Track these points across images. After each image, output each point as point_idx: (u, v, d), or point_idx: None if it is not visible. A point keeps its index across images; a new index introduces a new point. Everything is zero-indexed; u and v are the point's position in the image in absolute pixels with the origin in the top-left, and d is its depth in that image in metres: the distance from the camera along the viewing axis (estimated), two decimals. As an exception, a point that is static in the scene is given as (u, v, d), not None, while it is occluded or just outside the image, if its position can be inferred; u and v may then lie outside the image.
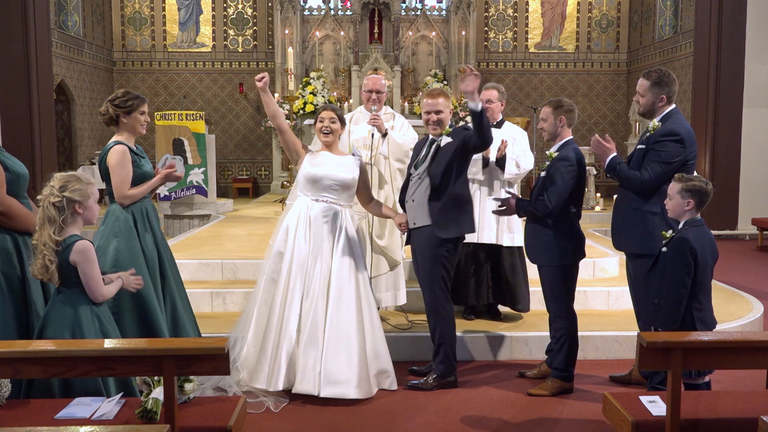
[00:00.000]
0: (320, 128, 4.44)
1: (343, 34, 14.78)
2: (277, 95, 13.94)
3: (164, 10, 15.76)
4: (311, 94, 13.99)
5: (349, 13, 14.99)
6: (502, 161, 5.21)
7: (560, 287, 4.32)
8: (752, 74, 11.10)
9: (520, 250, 5.45)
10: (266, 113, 4.55)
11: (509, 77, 16.03)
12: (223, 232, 8.33)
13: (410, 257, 4.72)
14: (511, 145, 5.25)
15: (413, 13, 15.32)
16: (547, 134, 4.46)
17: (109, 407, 3.02)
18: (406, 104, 14.33)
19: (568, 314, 4.35)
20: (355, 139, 5.16)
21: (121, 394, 3.22)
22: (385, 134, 5.09)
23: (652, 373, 3.94)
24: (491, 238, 5.33)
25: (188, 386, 3.13)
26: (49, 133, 10.32)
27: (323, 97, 13.97)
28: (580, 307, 4.75)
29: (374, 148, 5.12)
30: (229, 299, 5.81)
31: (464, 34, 14.70)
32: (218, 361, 2.86)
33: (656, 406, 3.15)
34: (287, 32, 14.40)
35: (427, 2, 15.64)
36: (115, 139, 4.06)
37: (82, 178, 3.22)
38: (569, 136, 4.38)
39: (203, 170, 9.50)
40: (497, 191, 5.31)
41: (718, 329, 3.82)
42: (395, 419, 4.01)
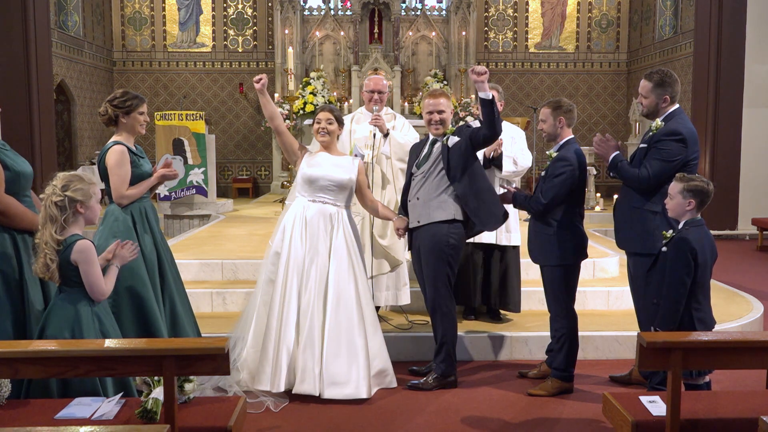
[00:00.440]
0: (317, 129, 4.44)
1: (343, 34, 14.78)
2: (277, 95, 13.95)
3: (164, 10, 15.76)
4: (311, 94, 13.98)
5: (349, 13, 14.99)
6: (498, 160, 5.22)
7: (561, 287, 4.32)
8: (752, 74, 11.10)
9: (515, 249, 5.46)
10: (264, 114, 4.55)
11: (509, 77, 16.02)
12: (223, 232, 8.33)
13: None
14: (510, 144, 5.26)
15: (413, 13, 15.31)
16: (547, 135, 4.46)
17: (109, 407, 3.02)
18: (406, 104, 14.33)
19: (568, 314, 4.35)
20: (356, 138, 5.17)
21: (121, 394, 3.23)
22: (386, 134, 5.10)
23: (652, 373, 3.94)
24: (490, 238, 5.32)
25: (188, 386, 3.13)
26: (49, 133, 10.32)
27: (323, 97, 13.96)
28: (580, 307, 4.75)
29: (376, 148, 5.12)
30: (229, 299, 5.82)
31: (464, 34, 14.69)
32: (218, 361, 2.86)
33: (656, 406, 3.15)
34: (287, 32, 14.39)
35: (427, 2, 15.63)
36: (114, 139, 4.05)
37: (84, 177, 3.23)
38: (569, 135, 4.39)
39: (203, 170, 9.50)
40: (496, 189, 5.32)
41: (717, 329, 3.82)
42: (395, 419, 4.01)
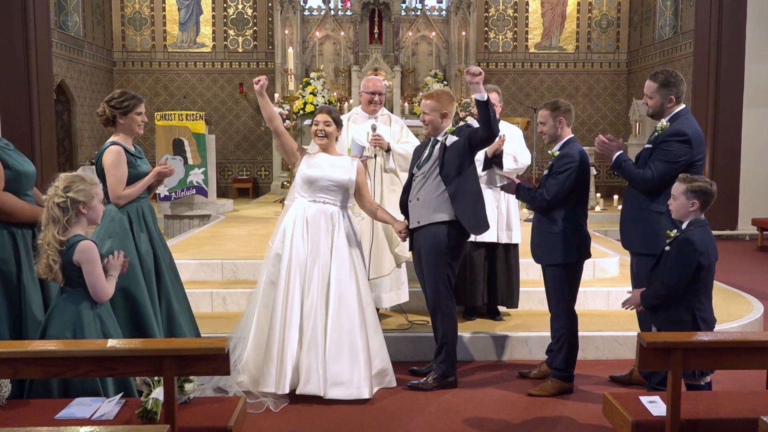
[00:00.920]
0: (315, 131, 4.44)
1: (343, 34, 14.77)
2: (277, 95, 13.95)
3: (164, 10, 15.76)
4: (311, 94, 13.98)
5: (349, 13, 14.99)
6: (498, 158, 5.22)
7: (563, 287, 4.32)
8: (752, 74, 11.10)
9: (515, 247, 5.46)
10: (263, 116, 4.55)
11: (509, 77, 16.01)
12: (223, 232, 8.33)
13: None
14: (509, 141, 5.26)
15: (413, 13, 15.31)
16: (547, 137, 4.44)
17: (109, 407, 3.02)
18: (405, 104, 14.33)
19: (568, 314, 4.35)
20: (355, 132, 5.14)
21: (121, 394, 3.23)
22: (388, 150, 5.07)
23: (652, 373, 3.94)
24: (491, 236, 5.32)
25: (188, 386, 3.13)
26: (49, 133, 10.31)
27: (323, 97, 13.96)
28: (580, 307, 4.75)
29: (381, 166, 5.11)
30: (229, 299, 5.81)
31: (464, 34, 14.69)
32: (218, 361, 2.86)
33: (656, 406, 3.15)
34: (287, 32, 14.39)
35: (427, 2, 15.63)
36: (111, 139, 4.05)
37: (86, 178, 3.23)
38: (570, 135, 4.38)
39: (203, 170, 9.49)
40: (496, 188, 5.33)
41: (717, 329, 3.82)
42: (395, 419, 4.01)
